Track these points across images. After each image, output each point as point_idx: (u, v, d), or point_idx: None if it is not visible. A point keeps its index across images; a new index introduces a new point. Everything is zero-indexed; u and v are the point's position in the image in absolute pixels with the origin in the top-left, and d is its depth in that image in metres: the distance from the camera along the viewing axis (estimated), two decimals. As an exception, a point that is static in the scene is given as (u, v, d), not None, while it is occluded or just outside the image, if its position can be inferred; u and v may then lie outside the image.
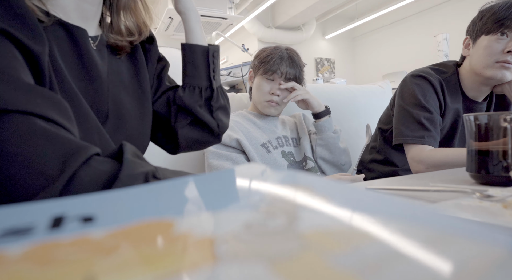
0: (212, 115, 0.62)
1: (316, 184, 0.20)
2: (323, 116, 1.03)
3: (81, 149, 0.30)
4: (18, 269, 0.11)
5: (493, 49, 0.87)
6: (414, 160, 0.89)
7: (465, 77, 0.96)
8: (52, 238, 0.13)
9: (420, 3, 4.87)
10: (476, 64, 0.91)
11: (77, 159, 0.29)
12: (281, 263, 0.11)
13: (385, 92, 1.53)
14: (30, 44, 0.35)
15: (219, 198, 0.18)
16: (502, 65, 0.86)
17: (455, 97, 0.96)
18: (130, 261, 0.11)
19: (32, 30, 0.36)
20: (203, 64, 0.61)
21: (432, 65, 1.03)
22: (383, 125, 1.11)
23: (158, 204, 0.17)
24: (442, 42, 3.03)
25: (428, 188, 0.45)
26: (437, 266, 0.11)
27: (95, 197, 0.17)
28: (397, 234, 0.13)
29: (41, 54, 0.36)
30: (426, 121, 0.90)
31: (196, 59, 0.61)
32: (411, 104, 0.93)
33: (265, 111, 1.03)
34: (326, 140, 1.03)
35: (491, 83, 0.92)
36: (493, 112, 0.51)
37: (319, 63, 6.00)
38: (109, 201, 0.17)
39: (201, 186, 0.20)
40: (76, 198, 0.17)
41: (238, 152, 0.93)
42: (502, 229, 0.29)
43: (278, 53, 1.01)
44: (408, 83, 0.96)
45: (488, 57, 0.88)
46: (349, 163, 1.08)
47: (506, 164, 0.49)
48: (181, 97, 0.60)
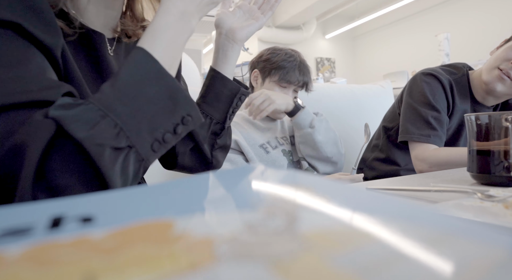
0: (211, 151, 0.60)
1: (317, 184, 0.20)
2: (294, 114, 0.99)
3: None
4: (18, 269, 0.11)
5: (504, 55, 0.85)
6: (418, 159, 0.89)
7: (475, 81, 0.95)
8: (51, 238, 0.13)
9: (421, 3, 4.87)
10: (484, 66, 0.91)
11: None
12: (281, 263, 0.11)
13: (386, 91, 1.53)
14: (44, 38, 0.33)
15: (219, 198, 0.18)
16: (499, 74, 0.85)
17: (464, 99, 0.96)
18: (129, 261, 0.11)
19: (47, 24, 0.34)
20: (227, 101, 0.58)
21: (443, 66, 1.03)
22: (387, 123, 1.11)
23: (158, 204, 0.17)
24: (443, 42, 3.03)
25: (429, 188, 0.45)
26: (438, 267, 0.11)
27: (95, 197, 0.17)
28: (397, 234, 0.13)
29: (54, 47, 0.35)
30: (434, 120, 0.89)
31: (223, 93, 0.58)
32: (420, 103, 0.92)
33: (274, 117, 1.03)
34: (304, 136, 1.00)
35: (491, 93, 0.91)
36: (495, 112, 0.50)
37: (320, 63, 6.00)
38: (108, 201, 0.17)
39: (201, 186, 0.20)
40: (76, 198, 0.17)
41: (236, 153, 0.93)
42: (503, 229, 0.29)
43: (293, 62, 1.00)
44: (418, 81, 0.95)
45: (494, 60, 0.87)
46: (337, 154, 1.04)
47: (507, 164, 0.48)
48: None
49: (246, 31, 0.56)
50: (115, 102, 0.30)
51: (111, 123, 0.29)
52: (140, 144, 0.31)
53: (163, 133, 0.32)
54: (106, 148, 0.28)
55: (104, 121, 0.29)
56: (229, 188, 0.21)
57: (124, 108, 0.30)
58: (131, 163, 0.31)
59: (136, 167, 0.32)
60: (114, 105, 0.30)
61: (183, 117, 0.33)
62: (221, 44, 0.57)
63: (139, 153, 0.31)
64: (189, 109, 0.34)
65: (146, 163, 0.32)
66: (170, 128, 0.33)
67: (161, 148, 0.33)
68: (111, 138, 0.29)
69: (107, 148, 0.28)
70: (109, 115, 0.29)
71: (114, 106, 0.30)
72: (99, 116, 0.29)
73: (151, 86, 0.32)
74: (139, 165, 0.32)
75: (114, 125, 0.29)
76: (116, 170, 0.29)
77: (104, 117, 0.29)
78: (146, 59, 0.32)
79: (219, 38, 0.57)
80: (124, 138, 0.29)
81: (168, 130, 0.32)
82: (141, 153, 0.31)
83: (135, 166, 0.32)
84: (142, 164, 0.32)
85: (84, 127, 0.28)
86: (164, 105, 0.32)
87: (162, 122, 0.32)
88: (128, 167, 0.31)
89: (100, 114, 0.29)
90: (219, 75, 0.57)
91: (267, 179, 0.22)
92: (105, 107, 0.29)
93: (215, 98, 0.58)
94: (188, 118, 0.34)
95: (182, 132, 0.34)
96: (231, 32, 0.56)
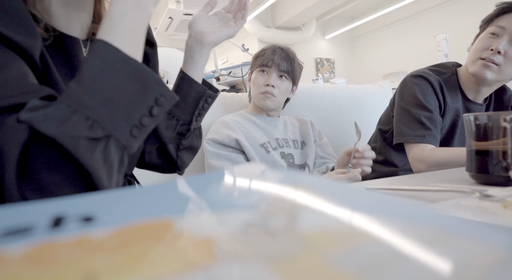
0: (177, 152, 0.60)
1: (316, 184, 0.20)
2: None
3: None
4: (19, 268, 0.11)
5: (481, 45, 0.88)
6: (416, 159, 0.89)
7: (463, 78, 0.97)
8: (52, 238, 0.13)
9: (420, 3, 4.88)
10: (467, 61, 0.93)
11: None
12: (281, 263, 0.11)
13: (385, 92, 1.53)
14: (22, 41, 0.33)
15: (219, 198, 0.19)
16: (483, 63, 0.87)
17: (455, 98, 0.96)
18: (130, 261, 0.11)
19: (25, 27, 0.34)
20: (193, 103, 0.59)
21: (431, 66, 1.04)
22: (383, 126, 1.11)
23: (158, 204, 0.17)
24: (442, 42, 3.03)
25: (428, 188, 0.45)
26: (437, 266, 0.11)
27: (96, 196, 0.17)
28: (397, 234, 0.13)
29: (33, 51, 0.34)
30: (427, 120, 0.90)
31: (189, 95, 0.58)
32: (411, 104, 0.93)
33: (261, 104, 1.03)
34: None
35: (482, 83, 0.93)
36: (493, 112, 0.51)
37: (319, 63, 6.00)
38: (109, 201, 0.17)
39: (201, 186, 0.20)
40: (76, 198, 0.17)
41: (237, 152, 0.93)
42: (502, 229, 0.29)
43: (271, 47, 1.04)
44: (408, 83, 0.97)
45: (474, 53, 0.90)
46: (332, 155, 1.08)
47: (505, 163, 0.49)
48: None
49: (215, 36, 0.57)
50: (83, 96, 0.30)
51: (83, 117, 0.29)
52: (118, 132, 0.31)
53: (139, 117, 0.32)
54: (81, 139, 0.28)
55: (75, 116, 0.29)
56: (229, 187, 0.21)
57: (93, 100, 0.30)
58: (112, 152, 0.31)
59: (119, 155, 0.32)
60: (83, 99, 0.30)
61: (157, 99, 0.33)
62: (190, 46, 0.58)
63: (119, 141, 0.31)
64: (161, 90, 0.33)
65: (128, 149, 0.32)
66: (146, 112, 0.32)
67: (141, 133, 0.33)
68: (85, 130, 0.29)
69: (81, 139, 0.28)
70: (80, 110, 0.29)
71: (83, 100, 0.30)
72: (69, 112, 0.29)
73: (117, 74, 0.31)
74: (122, 153, 0.32)
75: (86, 118, 0.29)
76: (96, 159, 0.29)
77: (74, 112, 0.29)
78: (106, 49, 0.32)
79: (189, 40, 0.58)
80: (100, 129, 0.29)
81: (144, 113, 0.32)
82: (121, 140, 0.31)
83: (118, 154, 0.32)
84: (125, 151, 0.32)
85: (55, 124, 0.28)
86: (134, 89, 0.32)
87: (136, 106, 0.32)
88: (109, 156, 0.31)
89: (70, 111, 0.29)
90: (186, 77, 0.58)
91: (267, 178, 0.22)
92: (74, 102, 0.29)
93: (182, 100, 0.58)
94: (162, 99, 0.33)
95: (158, 113, 0.34)
96: (200, 35, 0.57)
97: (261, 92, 1.01)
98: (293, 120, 1.13)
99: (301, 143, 1.07)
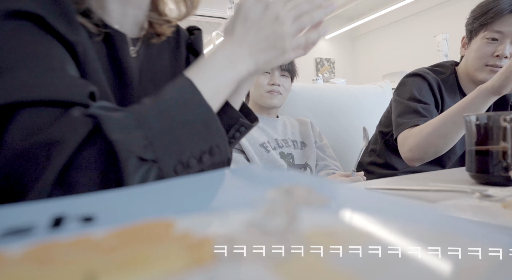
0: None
1: (317, 184, 0.20)
2: None
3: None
4: (19, 268, 0.11)
5: (483, 52, 0.88)
6: (400, 147, 0.89)
7: (462, 77, 0.97)
8: (52, 238, 0.13)
9: (420, 3, 4.87)
10: (469, 66, 0.93)
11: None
12: (281, 263, 0.11)
13: (385, 92, 1.53)
14: (66, 33, 0.34)
15: (219, 198, 0.19)
16: (491, 69, 0.87)
17: (454, 97, 0.96)
18: (130, 261, 0.11)
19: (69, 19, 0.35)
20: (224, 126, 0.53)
21: (430, 66, 1.04)
22: (383, 128, 1.11)
23: (158, 204, 0.17)
24: (442, 42, 3.03)
25: (428, 188, 0.45)
26: (437, 266, 0.11)
27: (95, 196, 0.17)
28: (397, 234, 0.13)
29: (76, 44, 0.35)
30: (423, 110, 0.90)
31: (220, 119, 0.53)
32: (407, 98, 0.94)
33: (267, 103, 1.04)
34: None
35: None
36: (493, 113, 0.51)
37: (319, 63, 6.00)
38: (109, 201, 0.17)
39: (201, 186, 0.20)
40: (76, 198, 0.17)
41: (237, 152, 0.93)
42: (501, 228, 0.29)
43: None
44: (405, 81, 0.98)
45: (478, 60, 0.90)
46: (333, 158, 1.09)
47: (505, 163, 0.49)
48: None
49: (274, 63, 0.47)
50: (152, 117, 0.31)
51: (142, 134, 0.30)
52: (164, 161, 0.31)
53: (188, 157, 0.32)
54: (133, 155, 0.29)
55: (136, 131, 0.30)
56: (229, 187, 0.21)
57: (158, 124, 0.31)
58: (151, 177, 0.31)
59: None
60: (150, 119, 0.31)
61: (212, 147, 0.34)
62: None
63: (161, 169, 0.31)
64: (219, 140, 0.34)
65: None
66: (197, 154, 0.33)
67: (182, 172, 0.33)
68: (139, 148, 0.29)
69: (134, 155, 0.29)
70: (143, 127, 0.30)
71: (150, 120, 0.31)
72: (133, 125, 0.30)
73: (189, 111, 0.33)
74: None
75: (144, 136, 0.30)
76: (135, 179, 0.30)
77: (137, 127, 0.30)
78: (189, 88, 0.34)
79: None
80: (151, 152, 0.30)
81: (194, 155, 0.33)
82: (163, 169, 0.31)
83: (153, 181, 0.32)
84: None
85: (119, 131, 0.29)
86: (197, 130, 0.33)
87: (191, 145, 0.32)
88: (147, 180, 0.31)
89: (134, 124, 0.30)
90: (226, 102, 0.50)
91: (267, 178, 0.22)
92: (142, 118, 0.31)
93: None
94: (216, 149, 0.34)
95: (206, 162, 0.34)
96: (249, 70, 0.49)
97: (266, 91, 1.02)
98: (292, 121, 1.13)
99: (301, 143, 1.07)
